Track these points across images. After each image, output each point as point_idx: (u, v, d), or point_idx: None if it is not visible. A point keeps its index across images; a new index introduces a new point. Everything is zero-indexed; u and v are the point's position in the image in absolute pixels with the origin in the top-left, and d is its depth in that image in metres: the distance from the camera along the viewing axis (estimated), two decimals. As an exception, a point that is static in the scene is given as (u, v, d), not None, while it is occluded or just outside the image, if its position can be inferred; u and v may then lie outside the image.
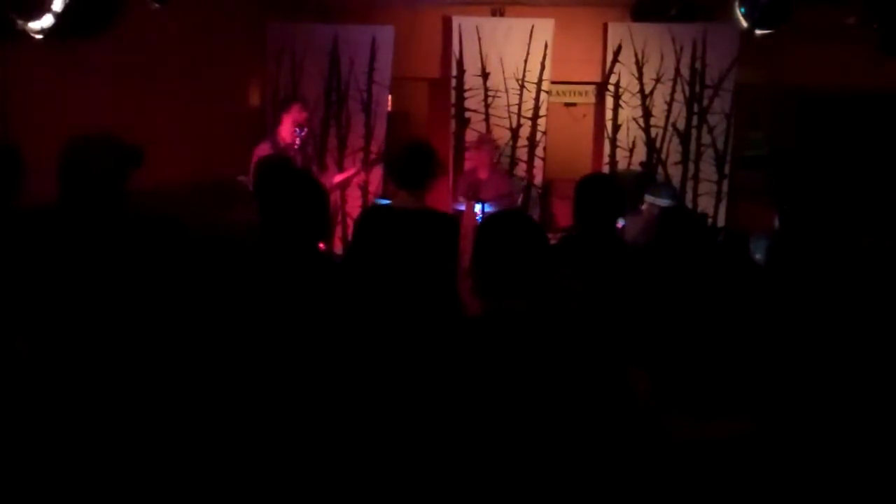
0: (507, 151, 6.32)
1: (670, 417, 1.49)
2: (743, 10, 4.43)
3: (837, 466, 1.62)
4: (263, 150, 4.96)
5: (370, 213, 3.39)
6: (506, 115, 6.30)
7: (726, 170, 6.27)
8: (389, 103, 6.40)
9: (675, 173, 6.30)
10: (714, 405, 1.45)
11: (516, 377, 1.80)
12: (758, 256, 3.43)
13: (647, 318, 2.05)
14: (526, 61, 6.23)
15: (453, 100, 6.29)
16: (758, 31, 4.46)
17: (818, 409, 1.91)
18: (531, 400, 1.80)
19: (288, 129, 4.95)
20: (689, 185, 6.31)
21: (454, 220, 3.20)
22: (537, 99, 6.28)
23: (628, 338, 2.03)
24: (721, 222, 6.25)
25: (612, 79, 6.26)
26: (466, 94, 6.29)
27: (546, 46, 6.20)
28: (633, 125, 6.28)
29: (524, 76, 6.25)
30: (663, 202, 3.86)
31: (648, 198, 4.00)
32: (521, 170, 6.33)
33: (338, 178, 5.71)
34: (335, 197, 6.07)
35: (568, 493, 1.71)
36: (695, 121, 6.24)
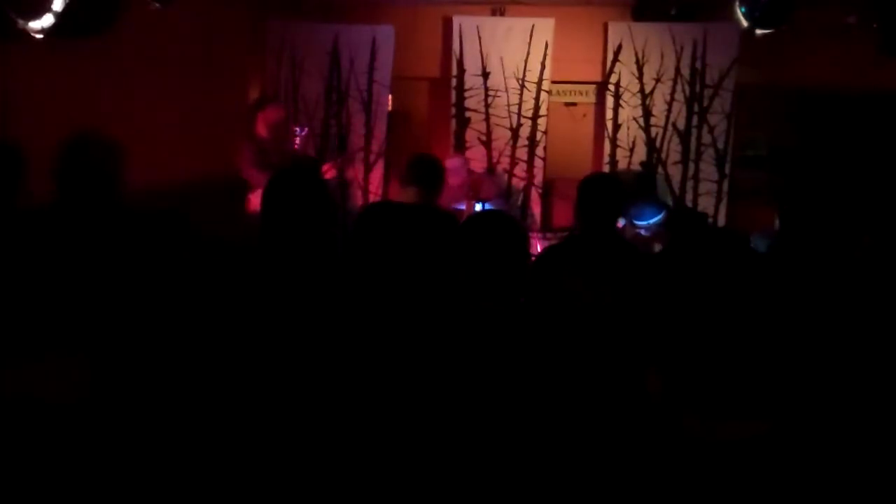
0: (507, 151, 6.33)
1: (683, 418, 1.49)
2: (743, 10, 4.43)
3: (850, 468, 1.62)
4: (247, 149, 4.99)
5: (369, 209, 3.42)
6: (506, 114, 6.30)
7: (726, 170, 6.26)
8: (390, 103, 6.40)
9: (675, 173, 6.30)
10: (728, 406, 1.45)
11: (500, 377, 1.80)
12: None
13: (658, 319, 2.05)
14: (526, 61, 6.23)
15: (453, 99, 6.28)
16: (758, 31, 4.46)
17: (832, 410, 1.91)
18: (520, 400, 1.80)
19: (262, 127, 5.11)
20: (689, 184, 6.31)
21: (452, 217, 3.20)
22: (537, 98, 6.28)
23: (638, 338, 2.03)
24: (721, 222, 6.25)
25: (613, 78, 6.26)
26: (466, 94, 6.29)
27: (546, 46, 6.20)
28: (633, 125, 6.28)
29: (524, 76, 6.25)
30: (655, 221, 3.84)
31: (640, 223, 3.96)
32: (521, 170, 6.33)
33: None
34: (334, 197, 6.08)
35: (575, 495, 1.72)
36: (695, 120, 6.24)
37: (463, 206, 5.30)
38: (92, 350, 2.08)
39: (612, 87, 6.27)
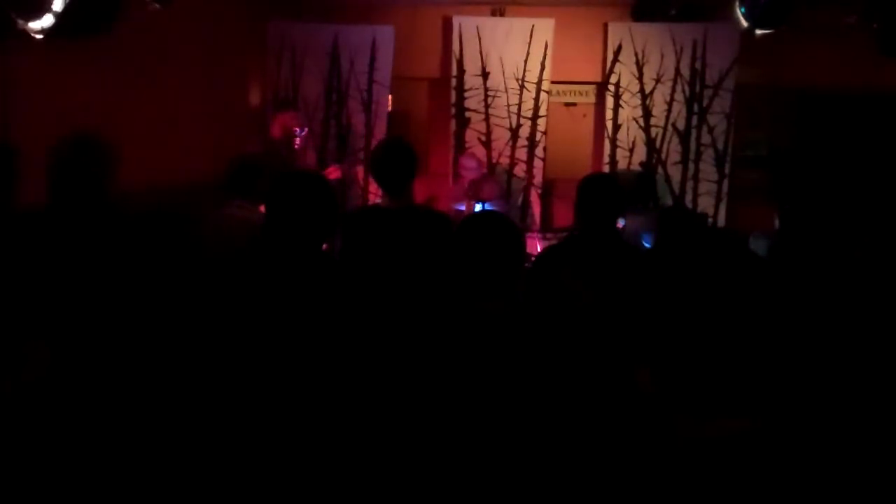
0: (507, 151, 6.33)
1: (674, 416, 1.49)
2: (743, 10, 4.43)
3: (839, 465, 1.62)
4: (254, 148, 5.02)
5: (354, 215, 3.33)
6: (506, 115, 6.30)
7: (726, 170, 6.27)
8: (389, 103, 6.40)
9: (674, 173, 6.31)
10: (717, 404, 1.45)
11: (499, 377, 1.80)
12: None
13: (650, 318, 2.05)
14: (526, 61, 6.24)
15: (453, 100, 6.29)
16: (758, 31, 4.47)
17: (820, 407, 1.91)
18: (519, 399, 1.80)
19: (278, 129, 5.11)
20: (689, 185, 6.32)
21: (443, 218, 3.11)
22: (537, 99, 6.28)
23: (632, 337, 2.03)
24: (721, 222, 6.26)
25: (613, 79, 6.27)
26: (466, 94, 6.29)
27: (546, 46, 6.20)
28: (633, 125, 6.29)
29: (524, 76, 6.25)
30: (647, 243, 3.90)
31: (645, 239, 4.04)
32: (520, 170, 6.33)
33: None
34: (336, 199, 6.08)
35: (571, 492, 1.72)
36: (695, 121, 6.25)
37: (463, 207, 5.30)
38: (79, 350, 2.08)
39: (611, 88, 6.28)
